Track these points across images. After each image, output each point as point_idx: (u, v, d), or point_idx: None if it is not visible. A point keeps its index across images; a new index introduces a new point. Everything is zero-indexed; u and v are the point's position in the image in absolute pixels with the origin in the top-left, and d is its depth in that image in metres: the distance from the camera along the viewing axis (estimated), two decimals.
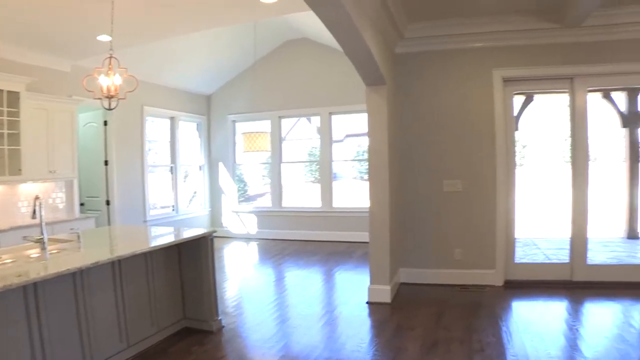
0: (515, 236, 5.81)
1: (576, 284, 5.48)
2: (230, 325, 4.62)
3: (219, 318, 4.55)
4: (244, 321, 4.79)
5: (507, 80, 5.64)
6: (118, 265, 3.78)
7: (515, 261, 5.81)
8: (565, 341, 4.03)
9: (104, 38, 5.87)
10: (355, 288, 5.78)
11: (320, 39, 8.92)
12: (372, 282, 5.25)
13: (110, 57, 4.48)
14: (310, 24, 7.84)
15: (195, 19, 5.69)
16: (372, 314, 4.91)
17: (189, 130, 10.17)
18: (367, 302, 5.18)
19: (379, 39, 4.84)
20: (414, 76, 5.81)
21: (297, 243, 9.19)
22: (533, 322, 4.46)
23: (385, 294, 5.16)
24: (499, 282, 5.63)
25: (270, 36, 9.10)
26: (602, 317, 4.70)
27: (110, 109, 4.63)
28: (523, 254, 6.88)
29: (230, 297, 5.69)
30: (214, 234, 4.53)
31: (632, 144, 8.18)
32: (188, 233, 4.47)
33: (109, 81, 4.53)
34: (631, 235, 8.15)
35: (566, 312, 4.80)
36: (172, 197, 9.61)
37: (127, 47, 6.27)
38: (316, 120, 9.84)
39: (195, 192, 10.44)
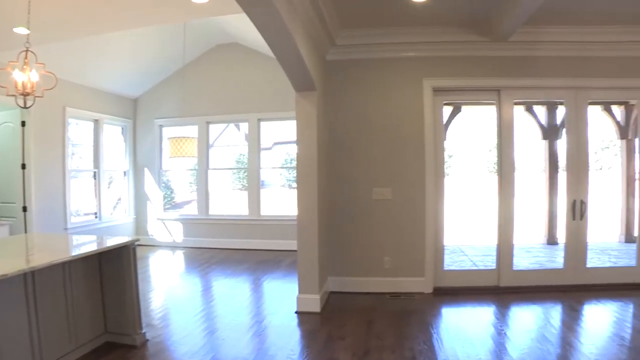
0: (444, 244, 5.96)
1: (503, 289, 5.71)
2: (156, 338, 4.44)
3: (143, 331, 4.35)
4: (170, 333, 4.62)
5: (437, 90, 5.79)
6: (32, 278, 3.48)
7: (444, 268, 5.96)
8: (493, 344, 4.18)
9: (22, 31, 5.47)
10: (284, 297, 5.73)
11: (251, 43, 8.83)
12: (300, 291, 5.19)
13: (27, 51, 4.22)
14: (242, 27, 7.77)
15: (122, 16, 5.48)
16: (301, 323, 4.87)
17: (113, 134, 9.76)
18: (296, 312, 5.12)
19: (311, 45, 4.85)
20: (345, 84, 5.84)
21: (224, 251, 9.02)
22: (463, 327, 4.59)
23: (314, 303, 5.13)
24: (429, 289, 5.75)
25: (201, 39, 8.92)
26: (527, 319, 4.94)
27: (26, 107, 4.37)
28: (451, 261, 7.10)
29: (156, 309, 5.49)
30: (138, 243, 4.32)
31: (552, 155, 8.68)
32: (110, 241, 4.25)
33: (25, 77, 4.28)
34: (551, 241, 8.63)
35: (494, 317, 4.98)
36: (95, 203, 9.18)
37: (48, 43, 5.91)
38: (245, 127, 9.72)
39: (119, 199, 10.03)
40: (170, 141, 8.53)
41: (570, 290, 5.69)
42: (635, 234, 8.81)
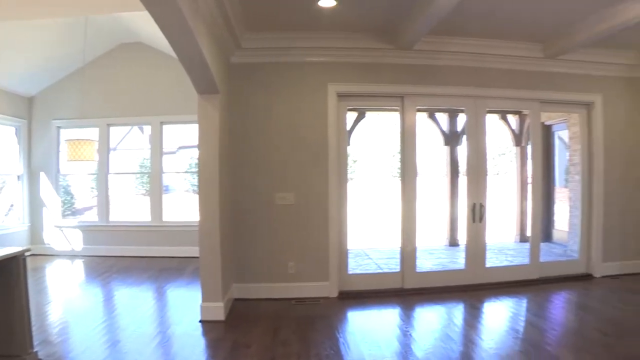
0: (348, 247, 6.02)
1: (407, 291, 5.86)
2: (52, 356, 4.10)
3: (34, 350, 3.95)
4: (68, 349, 4.31)
5: (341, 96, 5.84)
6: None
7: (349, 272, 6.02)
8: (399, 345, 4.27)
9: None
10: (188, 306, 5.53)
11: (154, 43, 8.50)
12: (204, 299, 5.03)
13: None
14: (146, 26, 7.48)
15: (13, 4, 5.08)
16: (206, 332, 4.72)
17: (6, 136, 9.04)
18: (200, 321, 4.96)
19: (215, 46, 4.73)
20: (250, 87, 5.75)
21: (126, 259, 8.59)
22: (369, 330, 4.65)
23: (218, 312, 5.00)
24: (334, 294, 5.77)
25: (104, 37, 8.44)
26: (431, 319, 5.11)
27: None
28: (356, 265, 7.23)
29: (53, 323, 5.10)
30: (32, 252, 4.01)
31: (453, 160, 9.11)
32: None
33: None
34: (452, 242, 9.04)
35: (399, 318, 5.11)
36: None
37: None
38: (148, 130, 9.33)
39: (12, 205, 9.29)
40: (68, 144, 7.99)
41: (472, 289, 5.96)
42: (529, 234, 9.53)
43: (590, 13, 5.07)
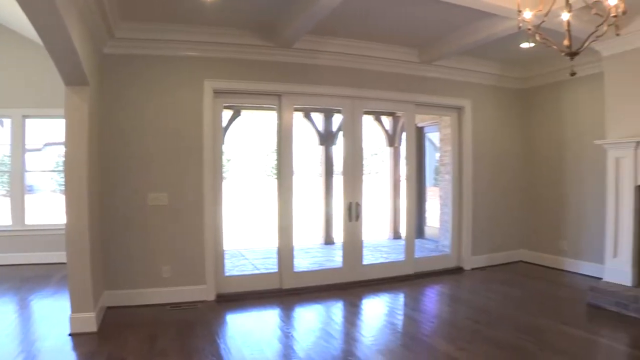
0: (224, 248, 5.86)
1: (286, 291, 5.83)
2: None
3: None
4: None
5: (218, 92, 5.66)
6: None
7: (226, 274, 5.86)
8: (281, 347, 4.23)
9: None
10: (55, 318, 4.97)
11: (16, 26, 7.60)
12: (73, 310, 4.53)
13: None
14: (8, 7, 6.67)
15: None
16: (77, 347, 4.28)
17: None
18: (69, 334, 4.48)
19: (86, 34, 4.31)
20: (123, 80, 5.35)
21: None
22: (250, 333, 4.54)
23: (90, 323, 4.54)
24: (211, 297, 5.58)
25: None
26: (311, 318, 5.14)
27: None
28: (232, 266, 7.08)
29: None
30: None
31: (328, 160, 9.29)
32: None
33: None
34: (328, 241, 9.21)
35: (279, 319, 5.07)
36: None
37: None
38: (8, 124, 8.34)
39: None
40: None
41: (350, 287, 6.09)
42: (402, 231, 9.98)
43: (460, 25, 5.43)
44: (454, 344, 4.26)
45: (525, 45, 6.02)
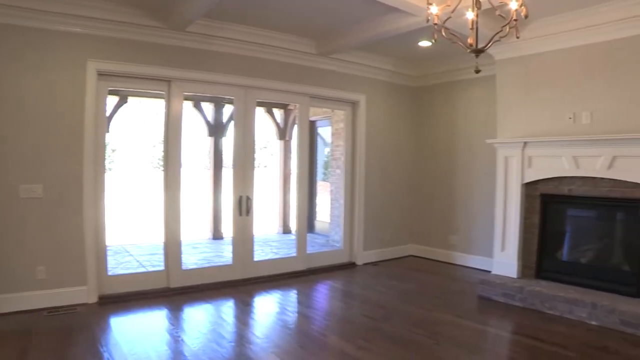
0: (107, 244, 5.29)
1: (174, 291, 5.39)
2: None
3: None
4: None
5: (102, 74, 5.02)
6: None
7: (109, 273, 5.28)
8: (170, 352, 3.86)
9: None
10: None
11: None
12: None
13: None
14: None
15: None
16: None
17: None
18: None
19: None
20: None
21: None
22: (136, 339, 4.09)
23: None
24: (93, 299, 4.97)
25: None
26: (202, 319, 4.76)
27: None
28: (116, 263, 6.48)
29: None
30: None
31: (217, 152, 8.83)
32: None
33: None
34: (216, 236, 8.77)
35: (168, 322, 4.63)
36: None
37: None
38: None
39: None
40: None
41: (241, 284, 5.80)
42: (292, 225, 9.78)
43: (362, 18, 5.32)
44: (353, 342, 4.14)
45: (423, 43, 6.06)
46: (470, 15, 3.22)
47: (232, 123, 8.70)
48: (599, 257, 5.16)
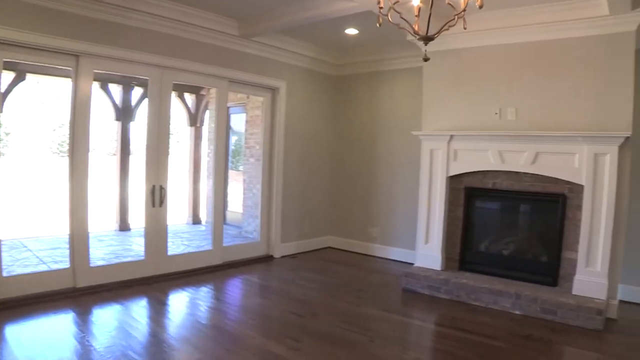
0: (0, 238, 4.46)
1: (81, 291, 4.67)
2: None
3: None
4: None
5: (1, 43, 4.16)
6: None
7: (4, 274, 4.38)
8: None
9: None
10: None
11: None
12: None
13: None
14: None
15: None
16: None
17: None
18: None
19: None
20: None
21: None
22: (38, 350, 3.42)
23: None
24: None
25: None
26: (112, 322, 4.13)
27: None
28: (12, 260, 5.57)
29: None
30: None
31: (124, 137, 7.99)
32: None
33: None
34: (123, 227, 7.95)
35: (75, 326, 3.95)
36: None
37: None
38: None
39: None
40: None
41: (155, 281, 5.22)
42: (202, 216, 9.15)
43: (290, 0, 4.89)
44: (282, 342, 3.79)
45: (351, 31, 5.76)
46: (416, 1, 2.94)
47: (141, 107, 8.01)
48: (520, 249, 5.19)
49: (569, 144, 4.58)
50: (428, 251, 5.45)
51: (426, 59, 3.29)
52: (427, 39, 3.12)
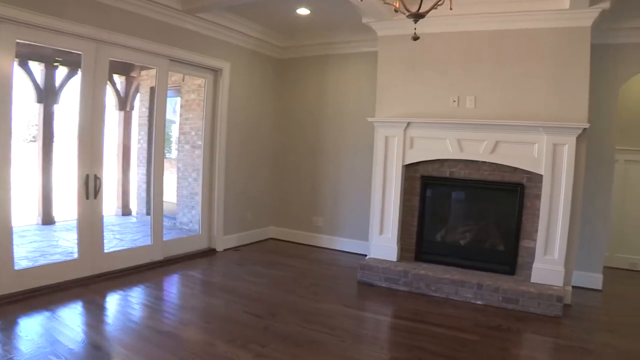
0: None
1: (4, 299, 3.81)
2: None
3: None
4: None
5: None
6: None
7: None
8: None
9: None
10: None
11: None
12: None
13: None
14: None
15: None
16: None
17: None
18: None
19: None
20: None
21: None
22: None
23: None
24: None
25: None
26: (41, 333, 3.38)
27: None
28: None
29: None
30: None
31: (47, 121, 6.93)
32: None
33: None
34: (47, 220, 6.92)
35: None
36: None
37: None
38: None
39: None
40: None
41: (92, 282, 4.49)
42: (132, 207, 8.26)
43: None
44: (246, 348, 3.31)
45: (302, 11, 5.24)
46: None
47: (66, 88, 7.00)
48: (477, 238, 4.96)
49: (529, 134, 4.39)
50: (383, 242, 5.09)
51: (415, 38, 2.87)
52: (417, 16, 2.76)
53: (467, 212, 5.12)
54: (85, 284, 4.38)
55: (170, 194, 7.41)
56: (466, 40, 4.75)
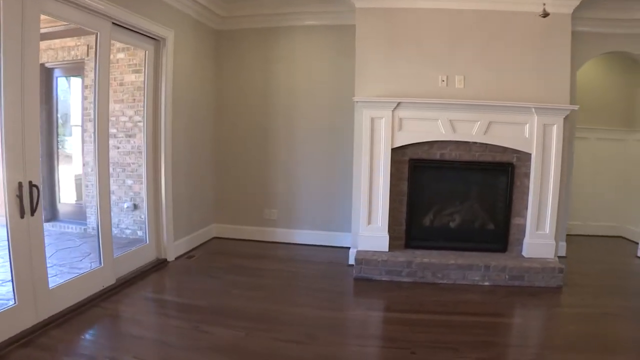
0: None
1: None
2: None
3: None
4: None
5: None
6: None
7: None
8: None
9: None
10: None
11: None
12: None
13: None
14: None
15: None
16: None
17: None
18: None
19: None
20: None
21: None
22: None
23: None
24: None
25: None
26: None
27: None
28: None
29: None
30: None
31: None
32: None
33: None
34: None
35: None
36: None
37: None
38: None
39: None
40: None
41: (38, 335, 2.80)
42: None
43: None
44: None
45: None
46: None
47: None
48: (468, 219, 4.49)
49: (521, 115, 4.07)
50: (372, 232, 4.28)
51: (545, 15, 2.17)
52: None
53: (459, 194, 4.52)
54: (29, 341, 2.69)
55: (69, 195, 5.50)
56: (451, 17, 4.16)
